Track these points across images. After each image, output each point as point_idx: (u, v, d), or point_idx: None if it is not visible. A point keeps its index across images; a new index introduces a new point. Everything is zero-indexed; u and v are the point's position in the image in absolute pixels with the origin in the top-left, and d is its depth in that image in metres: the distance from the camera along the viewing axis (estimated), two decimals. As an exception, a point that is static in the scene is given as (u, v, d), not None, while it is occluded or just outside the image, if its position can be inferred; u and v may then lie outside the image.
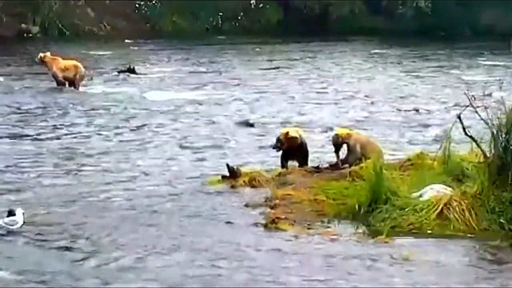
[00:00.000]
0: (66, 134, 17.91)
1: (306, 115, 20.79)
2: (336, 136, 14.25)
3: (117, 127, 18.74)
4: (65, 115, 20.11)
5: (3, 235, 10.88)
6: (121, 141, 17.29)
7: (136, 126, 18.91)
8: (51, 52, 24.69)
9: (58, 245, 10.56)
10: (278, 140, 14.31)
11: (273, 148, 14.49)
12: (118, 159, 15.52)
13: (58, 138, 17.46)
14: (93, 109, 20.94)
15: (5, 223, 10.97)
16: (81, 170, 14.61)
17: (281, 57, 34.30)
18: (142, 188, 13.45)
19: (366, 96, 24.21)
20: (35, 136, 17.64)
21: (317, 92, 24.76)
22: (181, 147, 16.80)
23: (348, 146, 14.20)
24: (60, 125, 18.92)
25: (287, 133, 14.27)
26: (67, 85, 23.82)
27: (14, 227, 10.95)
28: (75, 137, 17.60)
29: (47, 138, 17.43)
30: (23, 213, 11.06)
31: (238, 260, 10.08)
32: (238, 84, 26.12)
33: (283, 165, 14.34)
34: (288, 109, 21.74)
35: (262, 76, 28.31)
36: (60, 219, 11.57)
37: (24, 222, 11.00)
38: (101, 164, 15.11)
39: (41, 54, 24.04)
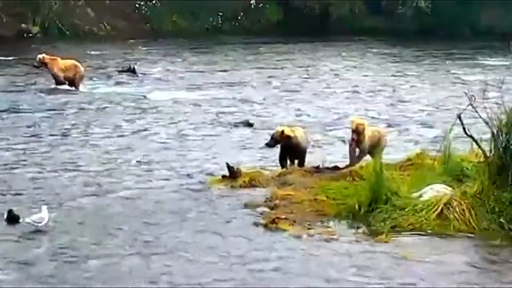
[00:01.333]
0: (65, 134, 17.90)
1: (305, 115, 20.79)
2: (362, 126, 14.19)
3: (117, 127, 18.73)
4: (65, 115, 20.10)
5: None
6: (120, 141, 17.28)
7: (136, 126, 18.90)
8: (48, 53, 24.61)
9: (59, 244, 10.58)
10: (272, 137, 14.34)
11: (266, 144, 14.50)
12: (118, 159, 15.52)
13: (56, 138, 17.45)
14: (93, 109, 20.94)
15: (33, 221, 11.03)
16: (80, 170, 14.62)
17: (281, 57, 34.27)
18: (142, 188, 13.46)
19: (365, 96, 24.20)
20: (34, 136, 17.63)
21: (317, 92, 24.75)
22: (181, 147, 16.80)
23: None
24: (60, 124, 18.91)
25: (283, 131, 14.26)
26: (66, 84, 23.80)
27: (41, 224, 11.02)
28: (74, 137, 17.59)
29: (46, 138, 17.43)
30: (47, 210, 11.13)
31: (238, 260, 10.08)
32: (238, 84, 26.11)
33: (282, 165, 14.35)
34: (288, 109, 21.73)
35: (262, 76, 28.29)
36: (59, 218, 11.58)
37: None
38: (100, 164, 15.12)
39: (40, 56, 23.95)
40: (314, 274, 9.70)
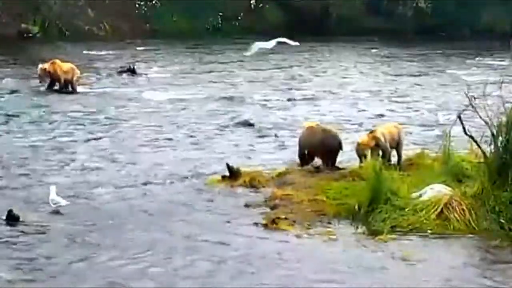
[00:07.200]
0: (64, 134, 17.89)
1: (306, 115, 20.77)
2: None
3: (117, 127, 18.72)
4: (64, 115, 20.07)
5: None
6: (120, 141, 17.29)
7: (136, 126, 18.89)
8: (45, 56, 24.34)
9: (59, 244, 10.59)
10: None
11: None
12: (118, 159, 15.52)
13: (56, 137, 17.44)
14: (93, 109, 20.91)
15: (55, 203, 11.93)
16: (80, 169, 14.62)
17: (281, 57, 34.28)
18: (142, 187, 13.46)
19: (365, 96, 24.19)
20: (34, 135, 17.63)
21: (317, 92, 24.75)
22: (181, 146, 16.79)
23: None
24: (60, 124, 18.90)
25: None
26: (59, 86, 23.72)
27: (61, 203, 11.93)
28: (74, 137, 17.58)
29: (46, 137, 17.42)
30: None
31: (238, 261, 10.09)
32: (238, 84, 26.11)
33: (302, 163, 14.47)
34: (287, 109, 21.73)
35: (262, 76, 28.30)
36: (58, 219, 11.59)
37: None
38: (101, 164, 15.12)
39: (41, 66, 23.56)
40: (314, 274, 9.70)
